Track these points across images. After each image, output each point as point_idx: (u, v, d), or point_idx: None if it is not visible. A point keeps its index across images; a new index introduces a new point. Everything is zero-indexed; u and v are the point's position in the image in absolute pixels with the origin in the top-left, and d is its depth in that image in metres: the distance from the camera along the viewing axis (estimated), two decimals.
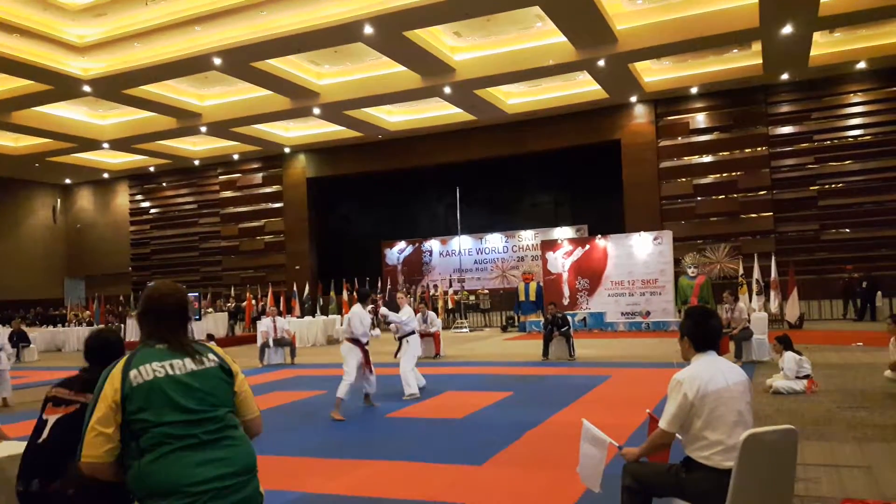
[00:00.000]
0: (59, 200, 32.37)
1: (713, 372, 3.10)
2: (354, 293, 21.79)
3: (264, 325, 14.44)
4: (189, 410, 2.26)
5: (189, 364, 2.33)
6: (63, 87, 18.17)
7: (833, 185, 20.50)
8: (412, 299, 19.04)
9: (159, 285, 2.50)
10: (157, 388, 2.25)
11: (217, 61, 16.79)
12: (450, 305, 21.87)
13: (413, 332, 9.41)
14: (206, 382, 2.33)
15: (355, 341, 8.13)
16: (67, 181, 31.74)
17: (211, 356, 2.40)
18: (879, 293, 17.19)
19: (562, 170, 24.37)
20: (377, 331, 9.21)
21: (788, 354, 8.11)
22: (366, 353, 8.18)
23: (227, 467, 2.26)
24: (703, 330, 3.25)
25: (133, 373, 2.26)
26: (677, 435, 3.15)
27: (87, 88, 18.31)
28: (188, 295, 2.59)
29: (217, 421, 2.30)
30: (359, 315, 8.17)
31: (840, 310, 17.95)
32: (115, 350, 3.09)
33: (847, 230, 20.26)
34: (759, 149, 21.21)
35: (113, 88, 18.61)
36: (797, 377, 8.00)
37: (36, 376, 13.95)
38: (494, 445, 6.11)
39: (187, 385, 2.28)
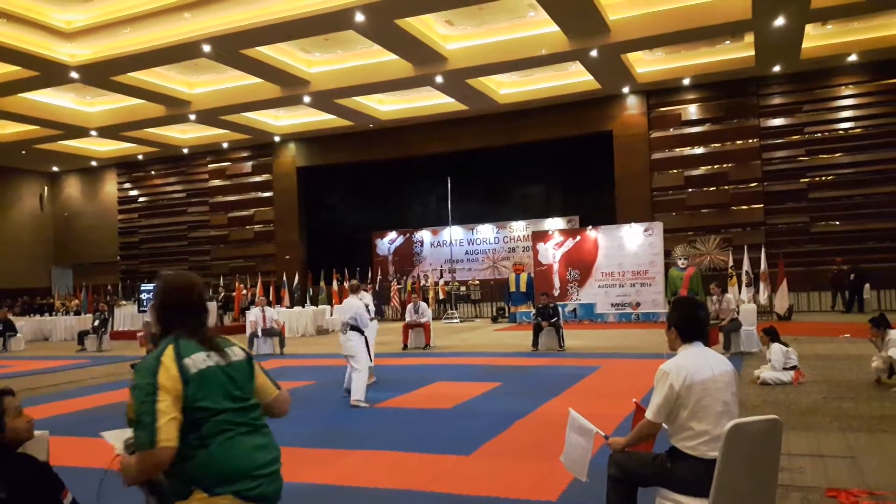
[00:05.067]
0: (46, 188, 32.07)
1: (699, 363, 3.09)
2: (345, 284, 21.73)
3: (253, 314, 14.39)
4: (239, 399, 2.33)
5: (226, 356, 2.37)
6: (50, 73, 17.94)
7: (823, 178, 20.58)
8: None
9: (177, 277, 2.45)
10: (212, 377, 2.29)
11: (206, 48, 16.63)
12: (440, 296, 21.85)
13: None
14: (242, 374, 2.40)
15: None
16: (55, 169, 31.43)
17: (237, 350, 2.44)
18: (867, 285, 17.32)
19: (554, 161, 24.34)
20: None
21: (775, 346, 8.14)
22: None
23: (272, 453, 2.37)
24: (689, 320, 3.24)
25: (187, 361, 2.26)
26: (663, 425, 3.14)
27: (74, 75, 18.09)
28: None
29: (255, 408, 2.40)
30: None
31: (829, 301, 18.07)
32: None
33: (837, 222, 20.35)
34: (750, 141, 21.25)
35: (101, 75, 18.40)
36: (784, 368, 8.04)
37: (22, 366, 13.86)
38: (483, 435, 6.11)
39: (229, 374, 2.34)
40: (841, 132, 20.39)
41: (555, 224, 24.35)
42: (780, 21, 15.91)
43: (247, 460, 2.27)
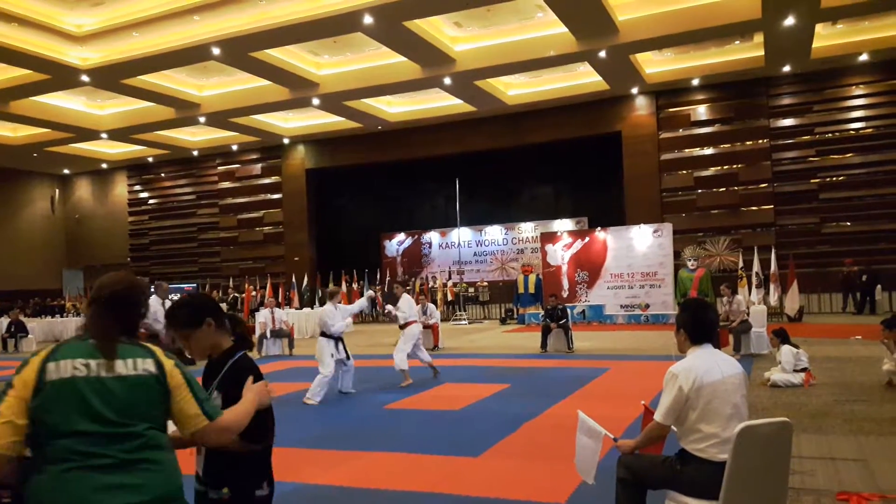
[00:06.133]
0: (57, 191, 32.30)
1: (709, 364, 3.08)
2: (353, 286, 21.76)
3: (262, 316, 14.43)
4: (106, 421, 1.95)
5: (119, 367, 2.02)
6: (61, 76, 18.07)
7: (834, 178, 20.43)
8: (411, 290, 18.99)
9: (108, 275, 2.24)
10: (72, 388, 1.95)
11: (216, 51, 16.70)
12: (449, 297, 21.86)
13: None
14: (133, 392, 2.01)
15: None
16: (66, 171, 31.65)
17: (147, 364, 2.07)
18: (879, 287, 17.18)
19: (562, 162, 24.30)
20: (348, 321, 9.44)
21: (785, 348, 8.09)
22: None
23: (138, 496, 1.94)
24: (699, 322, 3.23)
25: (51, 365, 1.97)
26: (672, 427, 3.13)
27: (85, 78, 18.21)
28: (138, 288, 2.24)
29: (136, 437, 1.98)
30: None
31: (840, 303, 17.94)
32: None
33: (848, 223, 20.20)
34: (760, 141, 21.14)
35: (111, 78, 18.52)
36: (795, 370, 7.98)
37: None
38: (491, 437, 6.10)
39: (110, 390, 1.98)
40: (852, 132, 20.25)
41: (563, 225, 24.30)
42: (789, 21, 15.83)
43: (79, 500, 1.89)
